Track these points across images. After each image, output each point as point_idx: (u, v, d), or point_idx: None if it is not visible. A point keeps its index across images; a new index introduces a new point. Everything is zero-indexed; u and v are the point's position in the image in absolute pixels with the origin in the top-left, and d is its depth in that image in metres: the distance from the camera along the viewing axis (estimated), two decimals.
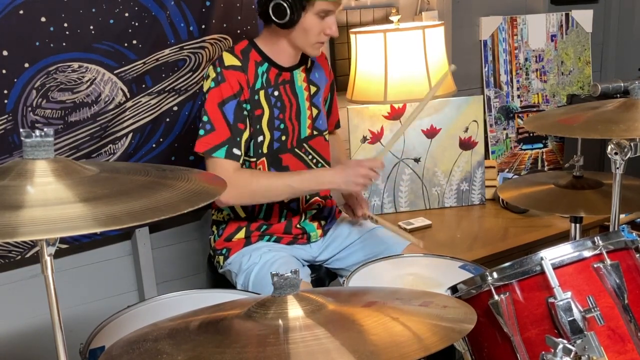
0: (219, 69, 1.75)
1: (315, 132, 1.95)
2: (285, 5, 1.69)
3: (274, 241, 1.92)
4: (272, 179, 1.82)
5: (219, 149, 1.75)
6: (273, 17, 1.72)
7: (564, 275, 1.15)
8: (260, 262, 1.82)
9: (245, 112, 1.78)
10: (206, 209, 2.29)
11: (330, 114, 2.10)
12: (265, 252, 1.86)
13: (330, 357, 0.82)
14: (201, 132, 1.76)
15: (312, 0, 1.69)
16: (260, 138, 1.83)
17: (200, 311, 1.07)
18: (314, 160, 1.96)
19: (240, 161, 1.79)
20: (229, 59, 1.77)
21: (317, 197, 1.98)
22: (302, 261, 1.96)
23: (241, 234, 1.91)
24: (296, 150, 1.90)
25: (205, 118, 1.76)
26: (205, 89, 1.78)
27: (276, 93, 1.84)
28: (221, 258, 1.93)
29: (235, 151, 1.76)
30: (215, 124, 1.75)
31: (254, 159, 1.85)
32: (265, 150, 1.84)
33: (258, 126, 1.82)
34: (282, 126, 1.85)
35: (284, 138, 1.87)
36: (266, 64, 1.83)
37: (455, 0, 2.84)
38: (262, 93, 1.81)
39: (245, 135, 1.79)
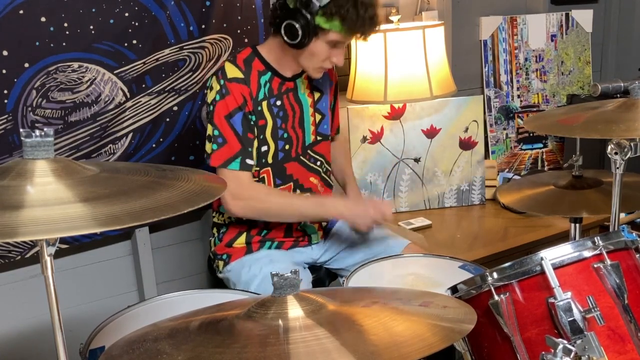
0: (222, 82, 1.74)
1: (319, 138, 1.95)
2: (297, 27, 1.67)
3: (275, 247, 1.92)
4: (285, 200, 1.83)
5: (233, 161, 1.75)
6: (284, 36, 1.71)
7: (564, 275, 1.15)
8: (261, 274, 1.81)
9: (252, 122, 1.78)
10: (206, 209, 2.29)
11: (333, 117, 2.10)
12: (265, 263, 1.85)
13: (331, 357, 0.82)
14: (214, 146, 1.75)
15: (326, 29, 1.68)
16: (264, 148, 1.83)
17: (200, 311, 1.07)
18: (323, 167, 1.97)
19: (253, 170, 1.80)
20: (232, 71, 1.76)
21: None
22: (303, 265, 1.96)
23: (242, 240, 1.91)
24: (301, 157, 1.90)
25: (215, 132, 1.75)
26: (209, 101, 1.77)
27: (279, 103, 1.83)
28: (221, 263, 1.92)
29: (249, 161, 1.77)
30: (227, 137, 1.75)
31: (258, 169, 1.85)
32: (270, 160, 1.85)
33: (262, 136, 1.82)
34: (285, 135, 1.85)
35: (287, 147, 1.87)
36: (269, 73, 1.82)
37: (455, 0, 2.84)
38: (264, 104, 1.81)
39: (255, 144, 1.80)
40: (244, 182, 1.76)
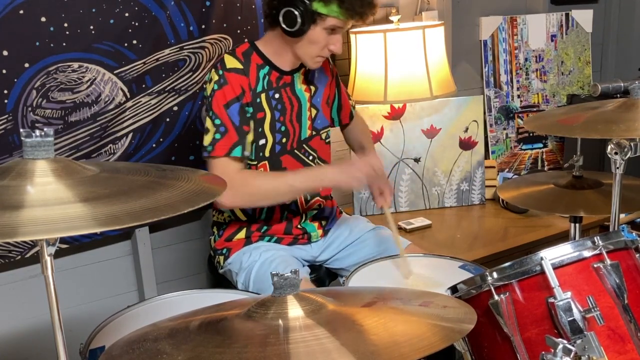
0: (221, 72, 1.74)
1: (314, 133, 1.95)
2: (296, 14, 1.67)
3: (275, 242, 1.93)
4: (274, 179, 1.81)
5: (234, 149, 1.73)
6: (282, 24, 1.70)
7: (563, 275, 1.15)
8: (260, 259, 1.82)
9: (248, 115, 1.77)
10: (206, 208, 2.29)
11: (342, 107, 2.10)
12: (265, 250, 1.86)
13: (331, 357, 0.82)
14: (217, 136, 1.73)
15: (324, 14, 1.68)
16: (262, 141, 1.83)
17: (200, 311, 1.07)
18: (316, 162, 1.96)
19: (247, 160, 1.79)
20: (231, 62, 1.76)
21: (317, 198, 1.98)
22: (302, 261, 1.96)
23: (241, 234, 1.91)
24: (295, 151, 1.90)
25: (217, 121, 1.73)
26: (208, 92, 1.75)
27: (277, 96, 1.83)
28: (221, 258, 1.93)
29: (246, 153, 1.76)
30: (227, 126, 1.73)
31: (255, 162, 1.84)
32: (267, 153, 1.84)
33: (260, 129, 1.81)
34: (283, 129, 1.85)
35: (284, 140, 1.87)
36: (267, 67, 1.82)
37: (455, 0, 2.84)
38: (263, 96, 1.80)
39: (250, 137, 1.79)
40: (232, 172, 1.72)
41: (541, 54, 3.03)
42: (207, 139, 1.74)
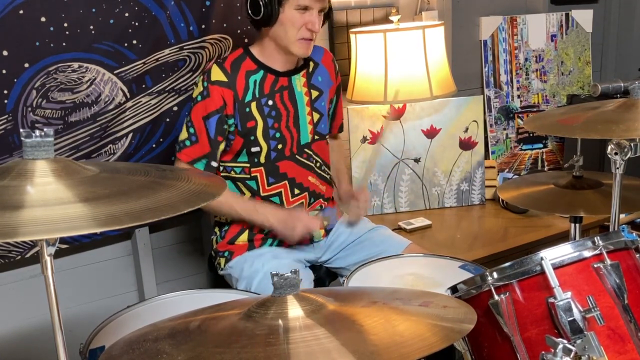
0: (205, 84, 1.78)
1: (317, 137, 1.95)
2: (260, 1, 1.70)
3: (277, 245, 1.92)
4: (225, 199, 1.85)
5: (199, 161, 1.82)
6: (251, 14, 1.74)
7: (564, 275, 1.15)
8: (263, 270, 1.82)
9: (226, 126, 1.81)
10: None
11: (334, 116, 2.10)
12: (268, 259, 1.86)
13: (331, 357, 0.82)
14: (187, 142, 1.82)
15: None
16: (256, 149, 1.84)
17: (200, 311, 1.07)
18: (318, 164, 1.96)
19: (214, 172, 1.85)
20: (216, 74, 1.79)
21: (319, 199, 1.98)
22: (305, 263, 1.96)
23: (244, 237, 1.91)
24: (297, 156, 1.90)
25: (191, 130, 1.81)
26: (193, 96, 1.82)
27: (270, 102, 1.84)
28: (222, 260, 1.93)
29: (213, 164, 1.83)
30: (199, 137, 1.80)
31: (248, 166, 1.86)
32: (262, 160, 1.86)
33: (252, 137, 1.83)
34: (277, 135, 1.86)
35: (280, 146, 1.87)
36: (261, 72, 1.83)
37: (455, 0, 2.84)
38: (253, 105, 1.82)
39: (222, 147, 1.84)
40: None
41: (541, 54, 3.03)
42: (180, 137, 1.84)
